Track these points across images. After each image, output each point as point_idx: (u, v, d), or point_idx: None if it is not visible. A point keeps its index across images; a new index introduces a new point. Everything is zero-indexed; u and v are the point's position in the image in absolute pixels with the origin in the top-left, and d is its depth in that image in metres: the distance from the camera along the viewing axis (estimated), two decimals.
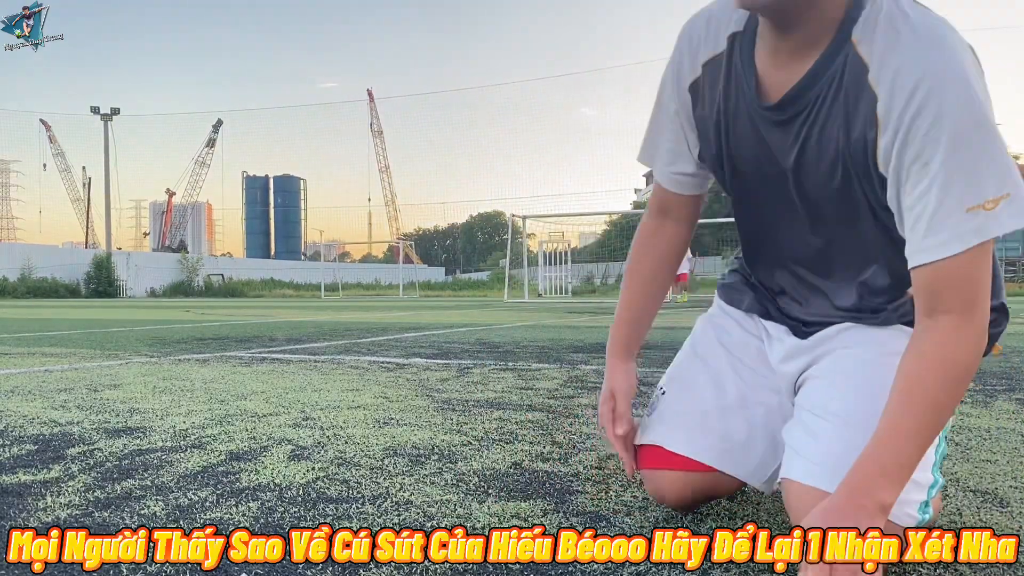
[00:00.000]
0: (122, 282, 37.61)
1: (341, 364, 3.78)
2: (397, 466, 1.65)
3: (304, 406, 2.46)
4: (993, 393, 2.68)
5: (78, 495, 1.44)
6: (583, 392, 2.74)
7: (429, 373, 3.37)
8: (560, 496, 1.42)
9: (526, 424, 2.13)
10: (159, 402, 2.57)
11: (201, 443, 1.90)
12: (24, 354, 4.47)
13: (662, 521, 1.27)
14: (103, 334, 6.44)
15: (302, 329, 7.05)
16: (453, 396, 2.67)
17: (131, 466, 1.67)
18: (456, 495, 1.42)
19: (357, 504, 1.37)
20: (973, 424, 2.10)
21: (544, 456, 1.74)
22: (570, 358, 4.03)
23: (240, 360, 4.02)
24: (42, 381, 3.16)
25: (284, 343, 5.29)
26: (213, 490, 1.47)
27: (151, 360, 4.06)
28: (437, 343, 5.17)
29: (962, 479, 1.52)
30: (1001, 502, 1.36)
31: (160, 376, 3.31)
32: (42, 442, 1.93)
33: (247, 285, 39.54)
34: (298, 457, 1.74)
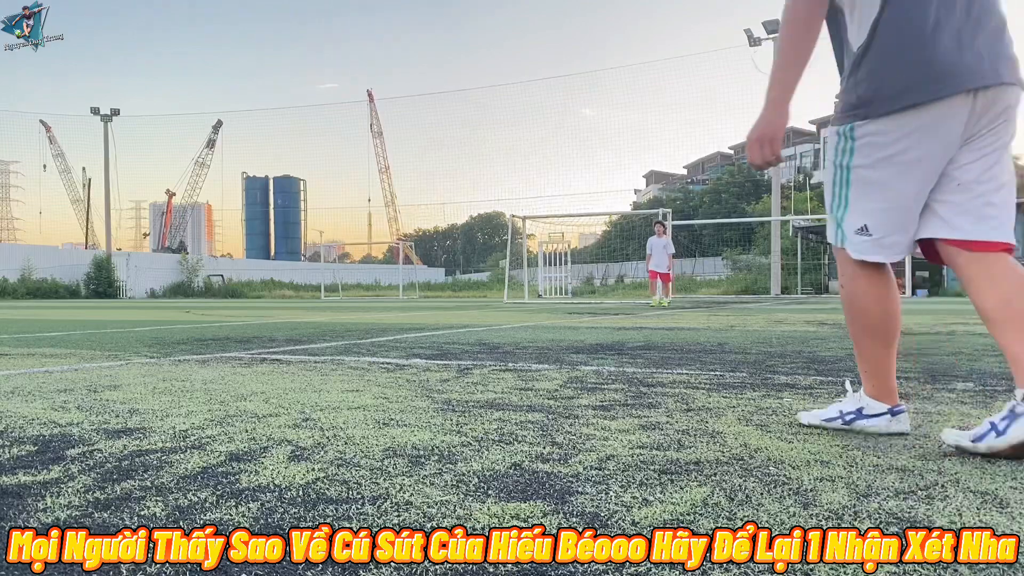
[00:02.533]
0: (122, 283, 37.60)
1: (341, 365, 3.78)
2: (397, 467, 1.65)
3: (304, 407, 2.46)
4: (993, 393, 2.68)
5: (78, 496, 1.44)
6: (583, 393, 2.74)
7: (429, 374, 3.37)
8: (560, 496, 1.42)
9: (526, 425, 2.13)
10: (159, 403, 2.57)
11: (201, 444, 1.90)
12: (24, 355, 4.47)
13: (661, 521, 1.27)
14: (103, 335, 6.44)
15: (302, 330, 7.05)
16: (453, 397, 2.67)
17: (131, 467, 1.67)
18: (456, 496, 1.42)
19: (357, 505, 1.37)
20: (973, 424, 2.10)
21: (544, 456, 1.74)
22: (570, 359, 4.03)
23: (240, 361, 4.02)
24: (42, 382, 3.16)
25: (284, 344, 5.30)
26: (213, 491, 1.47)
27: (151, 361, 4.06)
28: (437, 344, 5.17)
29: (962, 479, 1.52)
30: (1001, 502, 1.37)
31: (160, 377, 3.31)
32: (42, 443, 1.93)
33: (247, 286, 39.53)
34: (298, 458, 1.74)
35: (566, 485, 1.50)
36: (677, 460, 1.69)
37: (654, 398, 2.60)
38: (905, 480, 1.52)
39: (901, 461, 1.67)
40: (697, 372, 3.39)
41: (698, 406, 2.43)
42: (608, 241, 46.21)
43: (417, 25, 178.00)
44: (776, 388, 2.86)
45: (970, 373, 3.29)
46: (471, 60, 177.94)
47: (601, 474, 1.58)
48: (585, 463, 1.68)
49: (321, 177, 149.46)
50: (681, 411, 2.34)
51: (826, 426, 2.05)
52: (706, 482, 1.51)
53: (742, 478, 1.53)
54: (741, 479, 1.53)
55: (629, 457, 1.72)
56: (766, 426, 2.09)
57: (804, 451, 1.77)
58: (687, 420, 2.18)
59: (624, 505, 1.36)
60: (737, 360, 3.91)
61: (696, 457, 1.72)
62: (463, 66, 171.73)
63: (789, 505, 1.35)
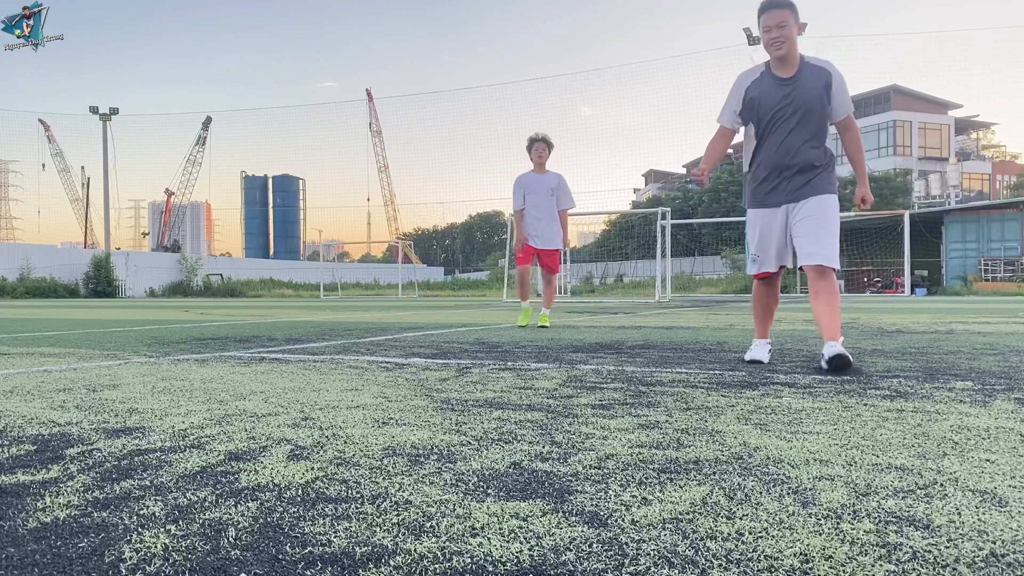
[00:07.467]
0: (121, 282, 37.58)
1: (340, 364, 3.78)
2: (396, 466, 1.65)
3: (303, 406, 2.46)
4: (992, 393, 2.68)
5: (77, 495, 1.44)
6: (582, 392, 2.74)
7: (428, 373, 3.37)
8: (559, 495, 1.42)
9: (525, 424, 2.13)
10: (158, 402, 2.57)
11: (200, 443, 1.90)
12: (23, 354, 4.46)
13: (661, 520, 1.27)
14: (102, 334, 6.43)
15: (301, 329, 7.05)
16: (452, 396, 2.67)
17: (130, 466, 1.67)
18: (455, 495, 1.42)
19: (356, 504, 1.37)
20: (972, 424, 2.10)
21: (543, 456, 1.74)
22: (569, 358, 4.03)
23: (239, 360, 4.02)
24: (41, 381, 3.16)
25: (283, 343, 5.29)
26: (212, 490, 1.47)
27: (150, 360, 4.06)
28: (436, 343, 5.17)
29: (961, 479, 1.52)
30: (1000, 502, 1.37)
31: (159, 376, 3.31)
32: (41, 442, 1.93)
33: (246, 285, 39.52)
34: (297, 457, 1.74)
35: (565, 484, 1.50)
36: (676, 459, 1.69)
37: (653, 397, 2.61)
38: (904, 479, 1.52)
39: (900, 460, 1.68)
40: (696, 371, 3.39)
41: (697, 405, 2.43)
42: (607, 240, 46.21)
43: (416, 25, 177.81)
44: (775, 387, 2.86)
45: (969, 372, 3.30)
46: (471, 59, 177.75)
47: (600, 473, 1.58)
48: (584, 462, 1.68)
49: (320, 176, 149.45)
50: (680, 410, 2.34)
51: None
52: (705, 481, 1.51)
53: (741, 477, 1.54)
54: (740, 478, 1.53)
55: (628, 456, 1.72)
56: (765, 425, 2.09)
57: (803, 450, 1.77)
58: (686, 419, 2.18)
59: (623, 504, 1.36)
60: (736, 359, 3.91)
61: (695, 456, 1.72)
62: (463, 65, 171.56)
63: (788, 504, 1.35)
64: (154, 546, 1.16)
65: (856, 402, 2.48)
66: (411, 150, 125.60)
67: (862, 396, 2.61)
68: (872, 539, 1.16)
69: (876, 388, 2.81)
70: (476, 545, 1.15)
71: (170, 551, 1.14)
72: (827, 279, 3.55)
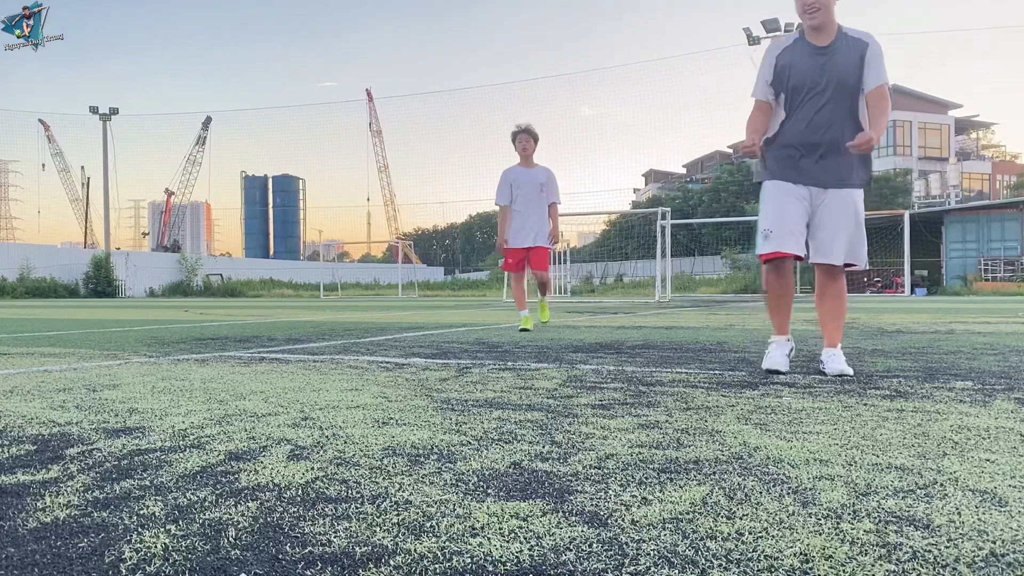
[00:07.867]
0: (121, 282, 37.57)
1: (340, 364, 3.78)
2: (396, 466, 1.65)
3: (303, 406, 2.46)
4: (992, 392, 2.68)
5: (77, 495, 1.44)
6: (582, 392, 2.74)
7: (428, 373, 3.37)
8: (559, 495, 1.42)
9: (525, 424, 2.13)
10: (158, 402, 2.57)
11: (200, 443, 1.90)
12: (23, 354, 4.46)
13: (661, 520, 1.27)
14: (102, 334, 6.43)
15: (301, 329, 7.05)
16: (452, 396, 2.67)
17: (130, 466, 1.67)
18: (455, 495, 1.42)
19: (356, 504, 1.37)
20: (972, 423, 2.10)
21: (543, 456, 1.74)
22: (569, 358, 4.03)
23: (239, 360, 4.02)
24: (41, 381, 3.16)
25: (283, 343, 5.29)
26: (212, 490, 1.47)
27: (150, 360, 4.06)
28: (436, 343, 5.17)
29: (961, 478, 1.52)
30: (1000, 502, 1.37)
31: (159, 376, 3.31)
32: (41, 442, 1.93)
33: (246, 285, 39.52)
34: (297, 457, 1.74)
35: (565, 484, 1.50)
36: (676, 459, 1.69)
37: (653, 397, 2.60)
38: (904, 479, 1.52)
39: (900, 460, 1.68)
40: (696, 371, 3.39)
41: (697, 405, 2.43)
42: (607, 240, 46.20)
43: (416, 24, 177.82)
44: (775, 387, 2.86)
45: (969, 372, 3.30)
46: (471, 60, 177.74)
47: (600, 473, 1.58)
48: (584, 462, 1.67)
49: (320, 176, 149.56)
50: (680, 410, 2.34)
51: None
52: (705, 481, 1.51)
53: (741, 477, 1.54)
54: (740, 478, 1.53)
55: (628, 456, 1.72)
56: (765, 425, 2.09)
57: (803, 450, 1.77)
58: (686, 419, 2.18)
59: (623, 504, 1.36)
60: (736, 359, 3.91)
61: (695, 456, 1.72)
62: (463, 65, 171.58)
63: (788, 504, 1.35)
64: (154, 546, 1.16)
65: (856, 402, 2.48)
66: (411, 150, 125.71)
67: (862, 396, 2.61)
68: (872, 539, 1.16)
69: (876, 388, 2.81)
70: (476, 545, 1.15)
71: (170, 551, 1.14)
72: (837, 282, 3.40)
